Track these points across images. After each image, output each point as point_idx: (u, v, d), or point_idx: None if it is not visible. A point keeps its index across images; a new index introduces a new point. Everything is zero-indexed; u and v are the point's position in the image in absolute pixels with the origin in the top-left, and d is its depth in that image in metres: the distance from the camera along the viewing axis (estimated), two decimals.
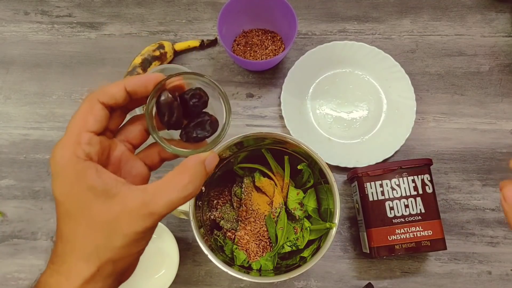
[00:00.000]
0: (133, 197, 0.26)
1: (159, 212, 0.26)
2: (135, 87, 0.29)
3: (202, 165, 0.28)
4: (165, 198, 0.26)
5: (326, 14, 0.72)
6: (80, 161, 0.26)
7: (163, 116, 0.29)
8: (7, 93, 0.68)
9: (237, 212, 0.56)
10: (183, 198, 0.27)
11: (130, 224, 0.26)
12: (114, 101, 0.28)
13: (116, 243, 0.26)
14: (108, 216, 0.26)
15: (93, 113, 0.27)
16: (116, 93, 0.28)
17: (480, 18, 0.72)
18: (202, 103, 0.30)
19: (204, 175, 0.28)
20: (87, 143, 0.27)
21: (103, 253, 0.26)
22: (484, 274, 0.61)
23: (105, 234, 0.26)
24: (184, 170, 0.28)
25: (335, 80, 0.69)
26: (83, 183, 0.26)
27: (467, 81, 0.69)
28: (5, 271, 0.61)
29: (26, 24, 0.71)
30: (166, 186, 0.27)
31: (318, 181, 0.54)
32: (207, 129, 0.30)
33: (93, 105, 0.27)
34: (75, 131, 0.27)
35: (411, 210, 0.56)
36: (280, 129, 0.67)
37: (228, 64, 0.70)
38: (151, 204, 0.26)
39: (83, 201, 0.26)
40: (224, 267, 0.47)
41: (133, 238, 0.26)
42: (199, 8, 0.72)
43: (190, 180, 0.27)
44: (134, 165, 0.31)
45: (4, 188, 0.64)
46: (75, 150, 0.26)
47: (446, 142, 0.66)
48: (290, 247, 0.53)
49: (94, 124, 0.27)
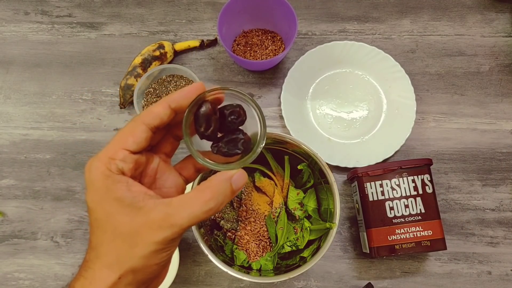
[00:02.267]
0: (157, 210, 0.27)
1: (180, 224, 0.27)
2: (179, 102, 0.29)
3: (227, 182, 0.29)
4: (187, 211, 0.27)
5: (326, 14, 0.72)
6: (112, 174, 0.27)
7: (200, 127, 0.29)
8: (7, 93, 0.68)
9: (237, 212, 0.56)
10: (205, 213, 0.28)
11: (151, 234, 0.27)
12: (160, 121, 0.29)
13: (136, 253, 0.27)
14: (131, 226, 0.27)
15: (133, 134, 0.29)
16: (160, 112, 0.29)
17: (480, 18, 0.72)
18: (240, 121, 0.30)
19: (229, 192, 0.29)
20: (122, 159, 0.28)
21: (124, 262, 0.27)
22: (484, 274, 0.61)
23: (127, 244, 0.27)
24: (208, 186, 0.28)
25: (335, 80, 0.69)
26: (112, 194, 0.27)
27: (467, 81, 0.69)
28: (5, 271, 0.61)
29: (26, 24, 0.71)
30: (190, 200, 0.28)
31: (318, 181, 0.54)
32: (239, 147, 0.30)
33: (136, 127, 0.29)
34: (113, 147, 0.28)
35: (411, 210, 0.57)
36: (280, 129, 0.67)
37: (228, 64, 0.70)
38: (173, 216, 0.27)
39: (110, 211, 0.27)
40: (224, 267, 0.47)
41: (153, 249, 0.27)
42: (199, 8, 0.72)
43: (212, 197, 0.28)
44: (169, 177, 0.32)
45: (4, 188, 0.64)
46: (109, 164, 0.28)
47: (446, 142, 0.66)
48: (290, 247, 0.53)
49: (132, 145, 0.29)
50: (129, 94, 0.65)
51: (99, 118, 0.67)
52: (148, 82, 0.64)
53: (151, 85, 0.65)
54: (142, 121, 0.29)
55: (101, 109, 0.68)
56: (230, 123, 0.30)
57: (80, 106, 0.68)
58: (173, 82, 0.65)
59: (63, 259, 0.62)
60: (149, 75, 0.63)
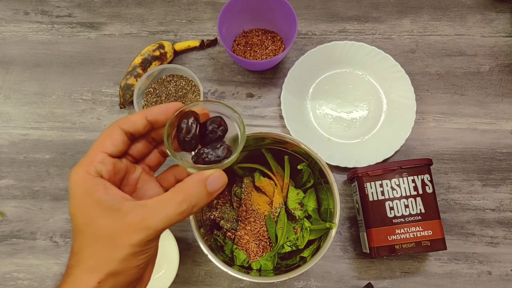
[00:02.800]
0: (133, 212, 0.28)
1: (155, 226, 0.27)
2: (155, 115, 0.31)
3: (201, 184, 0.29)
4: (161, 214, 0.28)
5: (326, 14, 0.72)
6: (90, 177, 0.28)
7: (181, 132, 0.30)
8: (7, 93, 0.68)
9: (237, 212, 0.56)
10: (179, 215, 0.28)
11: (127, 237, 0.27)
12: (134, 129, 0.30)
13: (115, 256, 0.27)
14: (110, 230, 0.27)
15: (111, 137, 0.30)
16: (136, 121, 0.30)
17: (480, 18, 0.72)
18: (221, 131, 0.31)
19: (204, 194, 0.29)
20: (100, 162, 0.29)
21: (104, 266, 0.27)
22: (484, 274, 0.61)
23: (107, 248, 0.27)
24: (182, 188, 0.29)
25: (335, 80, 0.69)
26: (92, 197, 0.28)
27: (467, 81, 0.69)
28: (4, 271, 0.61)
29: (26, 24, 0.71)
30: (164, 202, 0.28)
31: (318, 181, 0.54)
32: (219, 154, 0.30)
33: (113, 131, 0.30)
34: (92, 152, 0.29)
35: (411, 210, 0.56)
36: (280, 129, 0.67)
37: (228, 64, 0.70)
38: (148, 219, 0.27)
39: (90, 215, 0.28)
40: (224, 267, 0.47)
41: (130, 251, 0.27)
42: (199, 8, 0.72)
43: (184, 198, 0.28)
44: (150, 187, 0.33)
45: (3, 188, 0.64)
46: (88, 167, 0.28)
47: (446, 142, 0.66)
48: (290, 247, 0.53)
49: (109, 147, 0.29)
50: (129, 94, 0.65)
51: (99, 118, 0.67)
52: (148, 82, 0.64)
53: (151, 85, 0.65)
54: (118, 125, 0.30)
55: (101, 109, 0.68)
56: (211, 133, 0.31)
57: (80, 106, 0.68)
58: (173, 82, 0.65)
59: (62, 259, 0.62)
60: (149, 75, 0.63)
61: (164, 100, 0.64)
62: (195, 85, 0.65)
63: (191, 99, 0.64)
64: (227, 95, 0.68)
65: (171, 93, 0.64)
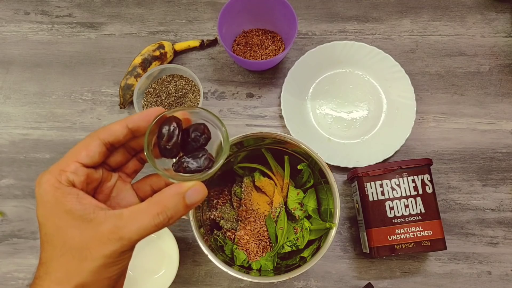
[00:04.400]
0: (107, 222, 0.27)
1: (129, 237, 0.27)
2: (137, 122, 0.30)
3: (178, 196, 0.28)
4: (137, 225, 0.27)
5: (326, 14, 0.72)
6: (62, 186, 0.27)
7: (161, 139, 0.29)
8: (7, 93, 0.68)
9: (237, 212, 0.56)
10: (154, 226, 0.27)
11: (99, 247, 0.26)
12: (114, 138, 0.29)
13: (85, 268, 0.26)
14: (80, 240, 0.26)
15: (87, 148, 0.29)
16: (117, 130, 0.29)
17: (480, 18, 0.72)
18: (203, 138, 0.30)
19: (181, 206, 0.28)
20: (73, 171, 0.28)
21: (73, 277, 0.26)
22: (484, 274, 0.61)
23: (77, 259, 0.26)
24: (159, 200, 0.28)
25: (335, 80, 0.69)
26: (62, 207, 0.27)
27: (467, 81, 0.69)
28: (5, 271, 0.61)
29: (26, 24, 0.71)
30: (140, 213, 0.27)
31: (318, 181, 0.54)
32: (200, 163, 0.29)
33: (91, 142, 0.29)
34: (64, 161, 0.28)
35: (411, 210, 0.56)
36: (280, 129, 0.67)
37: (228, 64, 0.70)
38: (122, 229, 0.27)
39: (59, 225, 0.27)
40: (224, 267, 0.47)
41: (102, 263, 0.26)
42: (199, 8, 0.72)
43: (161, 211, 0.27)
44: (125, 196, 0.32)
45: (4, 188, 0.64)
46: (59, 176, 0.27)
47: (446, 142, 0.66)
48: (290, 247, 0.53)
49: (84, 158, 0.28)
50: (129, 94, 0.65)
51: (99, 118, 0.67)
52: (148, 82, 0.64)
53: (151, 85, 0.65)
54: (97, 136, 0.29)
55: (101, 109, 0.68)
56: (194, 141, 0.30)
57: (80, 106, 0.68)
58: (173, 82, 0.65)
59: None
60: (149, 75, 0.63)
61: (164, 100, 0.64)
62: (195, 85, 0.65)
63: (191, 99, 0.64)
64: (227, 95, 0.68)
65: (171, 93, 0.64)
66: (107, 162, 0.31)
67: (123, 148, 0.32)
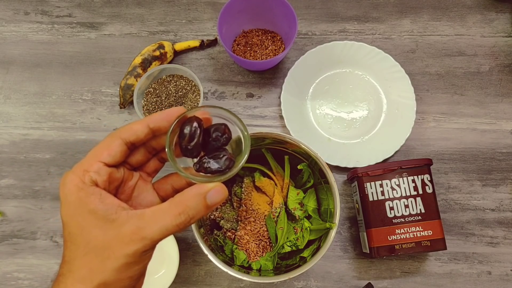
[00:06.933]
0: (129, 223, 0.27)
1: (151, 237, 0.27)
2: (158, 122, 0.30)
3: (200, 197, 0.28)
4: (158, 225, 0.27)
5: (326, 14, 0.72)
6: (85, 186, 0.28)
7: (183, 139, 0.29)
8: (7, 93, 0.68)
9: (237, 212, 0.56)
10: (176, 226, 0.28)
11: (122, 247, 0.27)
12: (135, 137, 0.30)
13: (108, 267, 0.27)
14: (103, 240, 0.27)
15: (109, 148, 0.29)
16: (138, 130, 0.30)
17: (480, 18, 0.72)
18: (224, 139, 0.30)
19: (202, 207, 0.28)
20: (96, 171, 0.28)
21: (96, 276, 0.27)
22: (484, 274, 0.61)
23: (100, 258, 0.27)
24: (181, 200, 0.28)
25: (335, 80, 0.69)
26: (86, 207, 0.27)
27: (467, 81, 0.69)
28: (5, 271, 0.61)
29: (26, 24, 0.71)
30: (162, 213, 0.28)
31: (318, 181, 0.54)
32: (221, 164, 0.30)
33: (112, 141, 0.29)
34: (87, 160, 0.29)
35: (411, 210, 0.56)
36: (280, 129, 0.67)
37: (228, 64, 0.70)
38: (144, 229, 0.27)
39: (83, 225, 0.27)
40: (224, 267, 0.47)
41: (124, 262, 0.27)
42: (199, 8, 0.72)
43: (182, 211, 0.28)
44: (146, 196, 0.32)
45: (4, 188, 0.64)
46: (83, 176, 0.28)
47: (446, 142, 0.66)
48: (290, 247, 0.53)
49: (106, 158, 0.29)
50: (129, 94, 0.65)
51: (99, 118, 0.67)
52: (148, 82, 0.64)
53: (151, 85, 0.65)
54: (119, 135, 0.29)
55: (101, 109, 0.68)
56: (215, 141, 0.30)
57: (80, 106, 0.68)
58: (173, 82, 0.65)
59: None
60: (149, 75, 0.63)
61: (164, 100, 0.64)
62: (195, 85, 0.65)
63: (191, 99, 0.64)
64: (227, 95, 0.68)
65: (171, 93, 0.64)
66: (128, 162, 0.32)
67: (143, 147, 0.32)
